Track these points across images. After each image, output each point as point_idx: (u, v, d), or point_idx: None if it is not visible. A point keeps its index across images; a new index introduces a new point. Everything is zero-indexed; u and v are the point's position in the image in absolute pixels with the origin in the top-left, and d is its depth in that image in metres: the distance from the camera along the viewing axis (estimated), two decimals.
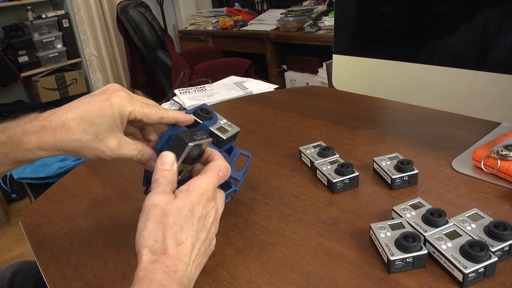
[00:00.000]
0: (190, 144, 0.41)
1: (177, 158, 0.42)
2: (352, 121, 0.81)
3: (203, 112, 0.51)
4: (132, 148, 0.45)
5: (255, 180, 0.63)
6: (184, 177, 0.45)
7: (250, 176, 0.64)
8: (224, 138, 0.50)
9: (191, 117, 0.49)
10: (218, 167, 0.43)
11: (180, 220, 0.38)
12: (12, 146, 0.41)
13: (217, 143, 0.50)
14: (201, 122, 0.50)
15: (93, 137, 0.42)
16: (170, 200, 0.38)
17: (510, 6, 0.51)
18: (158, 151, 0.47)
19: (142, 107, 0.45)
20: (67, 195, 0.69)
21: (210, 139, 0.46)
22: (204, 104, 0.53)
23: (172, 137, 0.45)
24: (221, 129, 0.51)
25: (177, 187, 0.41)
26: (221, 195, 0.45)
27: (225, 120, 0.53)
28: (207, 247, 0.41)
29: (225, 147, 0.52)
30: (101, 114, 0.42)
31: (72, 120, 0.41)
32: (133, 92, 0.56)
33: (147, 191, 0.51)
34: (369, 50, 0.71)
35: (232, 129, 0.52)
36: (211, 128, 0.50)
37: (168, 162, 0.41)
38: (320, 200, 0.56)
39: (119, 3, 2.59)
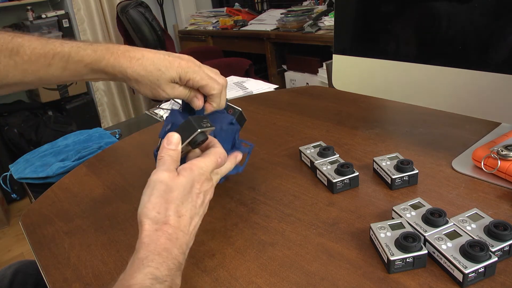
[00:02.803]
0: (199, 129, 0.46)
1: (183, 140, 0.46)
2: (352, 121, 0.80)
3: (230, 107, 0.58)
4: (183, 93, 0.54)
5: (255, 180, 0.63)
6: (183, 156, 0.49)
7: (250, 176, 0.64)
8: (240, 110, 0.58)
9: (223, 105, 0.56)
10: (218, 153, 0.47)
11: (182, 195, 0.42)
12: (94, 58, 0.51)
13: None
14: (230, 113, 0.57)
15: (154, 79, 0.52)
16: (174, 177, 0.42)
17: (510, 6, 0.51)
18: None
19: (203, 79, 0.53)
20: (67, 195, 0.69)
21: (213, 128, 0.50)
22: None
23: (175, 123, 0.52)
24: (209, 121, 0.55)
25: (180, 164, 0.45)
26: (216, 178, 0.49)
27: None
28: (201, 218, 0.45)
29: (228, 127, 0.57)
30: (168, 66, 0.51)
31: (146, 59, 0.51)
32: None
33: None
34: (369, 50, 0.71)
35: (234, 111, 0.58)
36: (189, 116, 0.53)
37: (174, 142, 0.45)
38: (320, 200, 0.56)
39: (119, 3, 2.59)
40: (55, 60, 0.50)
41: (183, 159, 0.51)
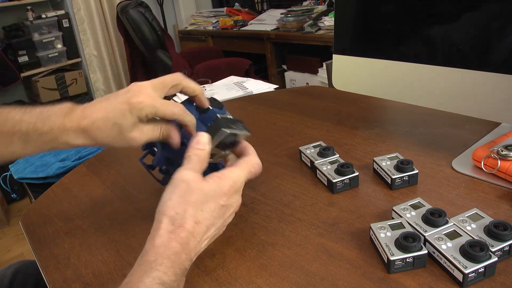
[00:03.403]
0: (225, 130, 0.44)
1: (212, 141, 0.44)
2: (352, 121, 0.80)
3: (215, 101, 0.52)
4: (155, 132, 0.48)
5: (255, 180, 0.63)
6: (216, 161, 0.48)
7: None
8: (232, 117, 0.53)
9: (194, 121, 0.49)
10: (252, 163, 0.46)
11: (203, 202, 0.41)
12: (52, 137, 0.46)
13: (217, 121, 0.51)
14: (211, 108, 0.51)
15: (118, 133, 0.47)
16: (198, 179, 0.41)
17: (510, 6, 0.51)
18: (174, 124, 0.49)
19: (160, 107, 0.47)
20: (67, 195, 0.69)
21: (248, 133, 0.48)
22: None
23: (208, 121, 0.49)
24: (244, 125, 0.52)
25: (208, 170, 0.44)
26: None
27: (231, 117, 0.54)
28: (218, 232, 0.44)
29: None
30: (121, 116, 0.46)
31: (100, 120, 0.46)
32: None
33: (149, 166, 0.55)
34: (369, 50, 0.71)
35: (244, 132, 0.52)
36: (218, 115, 0.51)
37: (202, 142, 0.44)
38: (320, 200, 0.56)
39: (119, 3, 2.59)
40: (14, 139, 0.46)
41: (215, 166, 0.50)
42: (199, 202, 0.40)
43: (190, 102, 0.52)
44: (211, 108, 0.52)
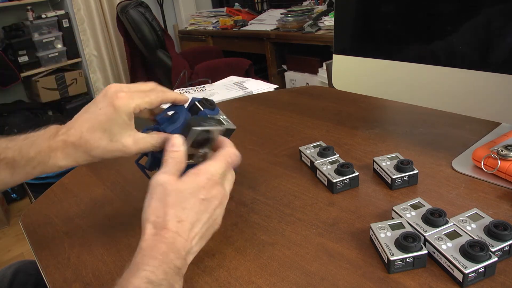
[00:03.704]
0: (195, 128, 0.45)
1: (186, 141, 0.45)
2: (352, 121, 0.80)
3: (208, 102, 0.53)
4: (148, 141, 0.47)
5: (255, 180, 0.63)
6: (198, 162, 0.47)
7: (250, 176, 0.64)
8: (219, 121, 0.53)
9: (187, 97, 0.52)
10: (228, 154, 0.45)
11: (181, 200, 0.41)
12: (40, 160, 0.46)
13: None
14: (202, 109, 0.52)
15: (108, 141, 0.45)
16: (173, 180, 0.42)
17: (510, 6, 0.51)
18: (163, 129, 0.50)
19: (143, 97, 0.47)
20: (67, 195, 0.69)
21: (221, 128, 0.48)
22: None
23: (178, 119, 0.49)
24: (218, 121, 0.52)
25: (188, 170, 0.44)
26: (231, 176, 0.47)
27: (225, 117, 0.54)
28: (210, 227, 0.43)
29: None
30: (108, 120, 0.45)
31: (86, 132, 0.45)
32: None
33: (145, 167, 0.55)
34: (369, 50, 0.71)
35: (228, 125, 0.53)
36: (208, 116, 0.52)
37: (176, 143, 0.44)
38: (320, 200, 0.56)
39: (119, 3, 2.59)
40: (1, 166, 0.46)
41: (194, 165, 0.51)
42: (178, 202, 0.40)
43: (182, 105, 0.52)
44: (202, 109, 0.52)
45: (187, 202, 0.41)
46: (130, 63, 2.81)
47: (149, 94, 0.48)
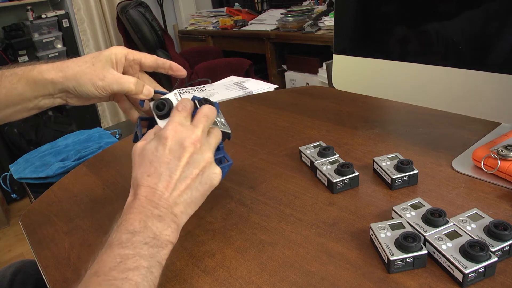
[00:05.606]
0: (154, 103, 0.49)
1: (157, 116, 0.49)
2: (352, 121, 0.80)
3: (206, 101, 0.52)
4: (128, 80, 0.51)
5: (255, 180, 0.63)
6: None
7: (250, 176, 0.64)
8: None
9: (184, 71, 0.55)
10: (179, 104, 0.48)
11: (146, 155, 0.44)
12: (26, 69, 0.51)
13: None
14: (199, 107, 0.51)
15: (90, 64, 0.50)
16: (140, 145, 0.45)
17: (510, 5, 0.51)
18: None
19: (138, 53, 0.53)
20: (67, 195, 0.69)
21: (171, 93, 0.51)
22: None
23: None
24: (214, 123, 0.51)
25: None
26: (216, 132, 0.49)
27: (223, 120, 0.54)
28: (197, 177, 0.44)
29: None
30: (98, 54, 0.51)
31: (77, 58, 0.52)
32: None
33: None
34: (369, 50, 0.71)
35: (223, 128, 0.53)
36: None
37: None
38: (320, 200, 0.56)
39: (119, 3, 2.59)
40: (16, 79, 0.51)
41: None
42: (144, 159, 0.43)
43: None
44: (199, 107, 0.51)
45: (152, 155, 0.43)
46: None
47: (145, 53, 0.54)
